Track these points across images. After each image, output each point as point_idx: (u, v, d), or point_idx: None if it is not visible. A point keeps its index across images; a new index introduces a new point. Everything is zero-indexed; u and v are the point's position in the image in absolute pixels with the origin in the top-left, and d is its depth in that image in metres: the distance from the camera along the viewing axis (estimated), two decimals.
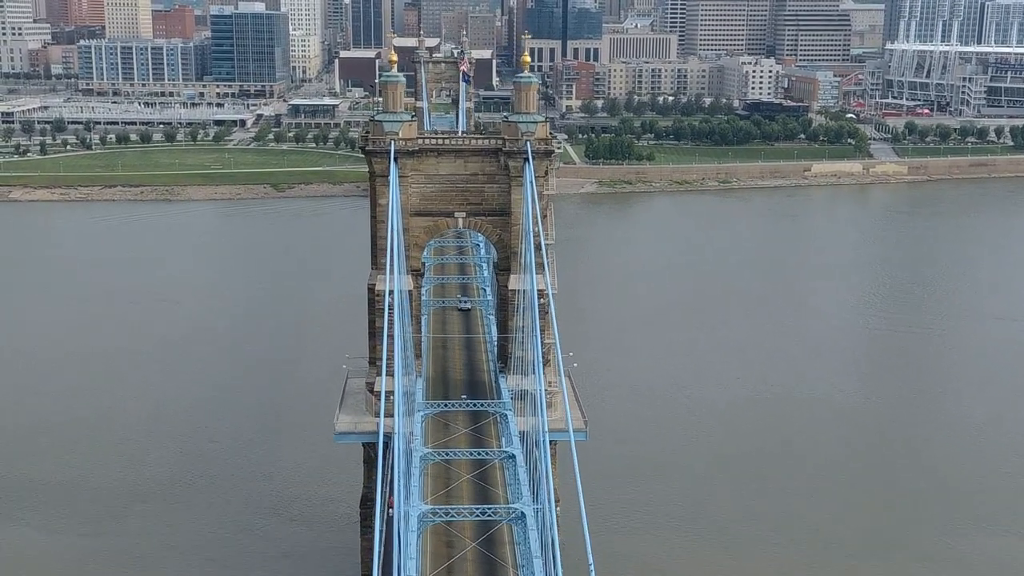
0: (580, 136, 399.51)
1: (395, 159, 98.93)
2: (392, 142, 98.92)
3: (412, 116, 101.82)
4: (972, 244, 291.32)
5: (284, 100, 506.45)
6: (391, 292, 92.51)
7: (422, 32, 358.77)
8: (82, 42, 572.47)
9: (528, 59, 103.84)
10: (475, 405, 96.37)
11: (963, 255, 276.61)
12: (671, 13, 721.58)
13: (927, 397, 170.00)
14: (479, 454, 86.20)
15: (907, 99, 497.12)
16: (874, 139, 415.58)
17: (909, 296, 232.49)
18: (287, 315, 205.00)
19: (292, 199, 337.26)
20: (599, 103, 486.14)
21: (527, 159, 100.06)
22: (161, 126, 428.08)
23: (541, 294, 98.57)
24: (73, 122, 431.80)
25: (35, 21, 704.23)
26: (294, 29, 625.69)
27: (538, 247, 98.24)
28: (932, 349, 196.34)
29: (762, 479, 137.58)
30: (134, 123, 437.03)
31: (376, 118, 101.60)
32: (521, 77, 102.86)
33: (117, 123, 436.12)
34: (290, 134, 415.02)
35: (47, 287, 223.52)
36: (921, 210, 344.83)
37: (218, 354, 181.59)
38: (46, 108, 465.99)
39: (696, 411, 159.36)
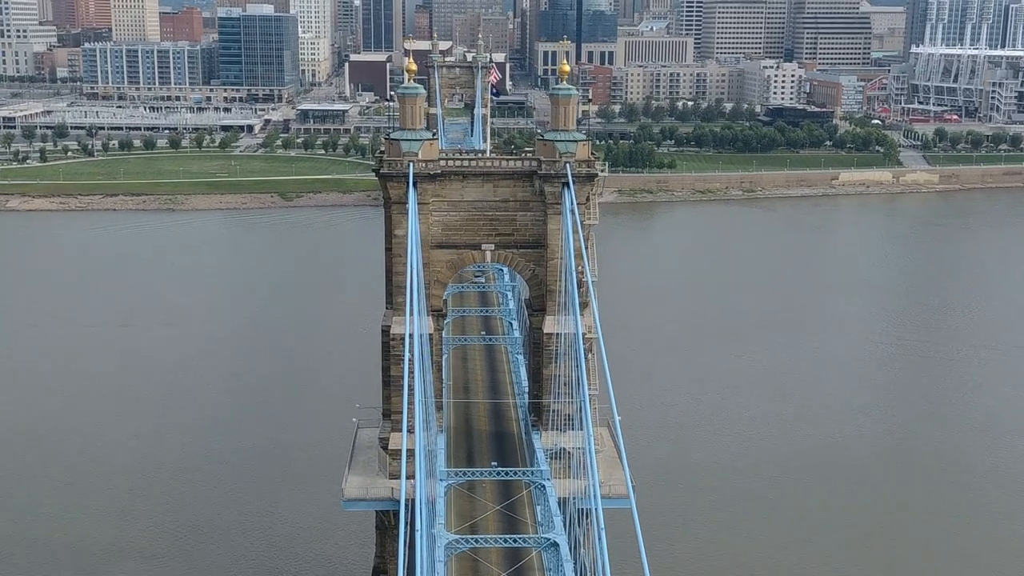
0: (598, 143, 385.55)
1: (414, 183, 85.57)
2: (410, 164, 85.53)
3: (433, 134, 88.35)
4: (1008, 260, 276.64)
5: (292, 106, 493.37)
6: (410, 334, 79.61)
7: (435, 35, 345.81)
8: (86, 45, 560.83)
9: (567, 68, 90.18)
10: (506, 473, 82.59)
11: (998, 272, 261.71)
12: (687, 16, 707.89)
13: (971, 438, 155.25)
14: (515, 541, 72.48)
15: (934, 104, 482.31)
16: (902, 146, 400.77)
17: (942, 320, 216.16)
18: (293, 341, 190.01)
19: (300, 209, 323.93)
20: (616, 108, 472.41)
21: (566, 183, 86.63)
22: (166, 132, 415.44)
23: (584, 339, 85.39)
24: (76, 127, 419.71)
25: (41, 23, 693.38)
26: (303, 31, 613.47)
27: (580, 285, 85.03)
28: (969, 381, 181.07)
29: (810, 530, 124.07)
30: (138, 128, 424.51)
31: (392, 136, 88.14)
32: (560, 89, 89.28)
33: (121, 128, 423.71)
34: (298, 140, 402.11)
35: (32, 306, 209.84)
36: (954, 222, 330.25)
37: (215, 386, 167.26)
38: (49, 113, 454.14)
39: (733, 454, 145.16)
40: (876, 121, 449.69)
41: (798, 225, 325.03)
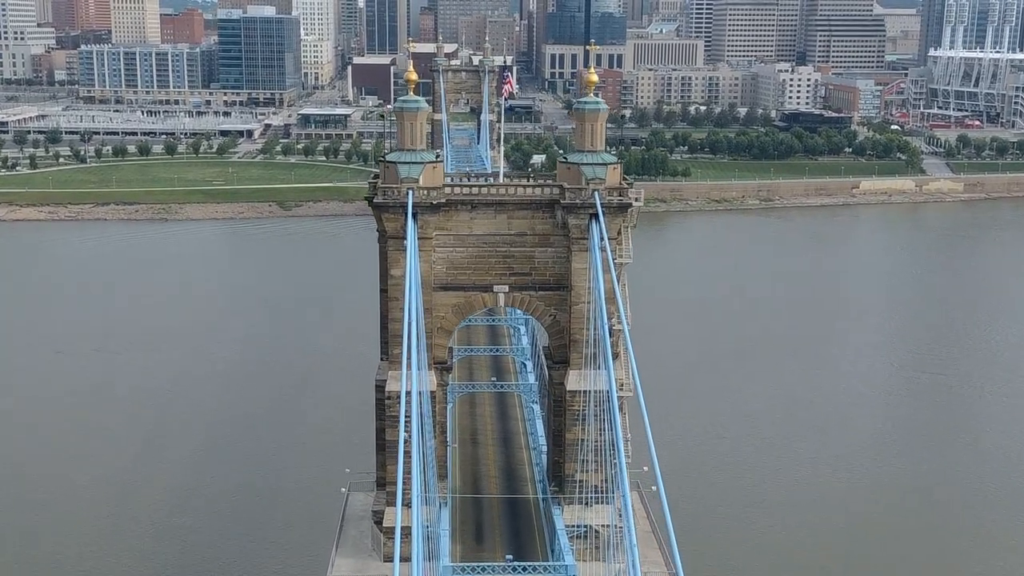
0: (609, 149, 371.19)
1: (413, 215, 72.10)
2: (409, 192, 72.08)
3: (437, 155, 74.81)
4: None
5: (290, 112, 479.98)
6: (407, 391, 66.76)
7: (440, 38, 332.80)
8: (83, 47, 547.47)
9: (595, 77, 76.61)
10: (524, 570, 68.88)
11: None
12: (697, 18, 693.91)
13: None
14: None
15: (954, 109, 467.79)
16: (924, 153, 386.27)
17: (974, 345, 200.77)
18: (284, 373, 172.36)
19: (300, 219, 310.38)
20: (627, 113, 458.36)
21: (595, 215, 73.13)
22: (163, 137, 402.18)
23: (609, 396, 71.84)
24: (70, 132, 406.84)
25: (39, 25, 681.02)
26: (306, 33, 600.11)
27: (612, 334, 71.61)
28: (1004, 414, 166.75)
29: None
30: (135, 133, 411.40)
31: (388, 158, 74.71)
32: (586, 103, 75.81)
33: (117, 133, 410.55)
34: (299, 146, 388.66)
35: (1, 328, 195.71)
36: (982, 234, 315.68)
37: (191, 424, 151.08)
38: (43, 117, 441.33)
39: (762, 506, 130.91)
40: (895, 127, 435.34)
41: (819, 237, 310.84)
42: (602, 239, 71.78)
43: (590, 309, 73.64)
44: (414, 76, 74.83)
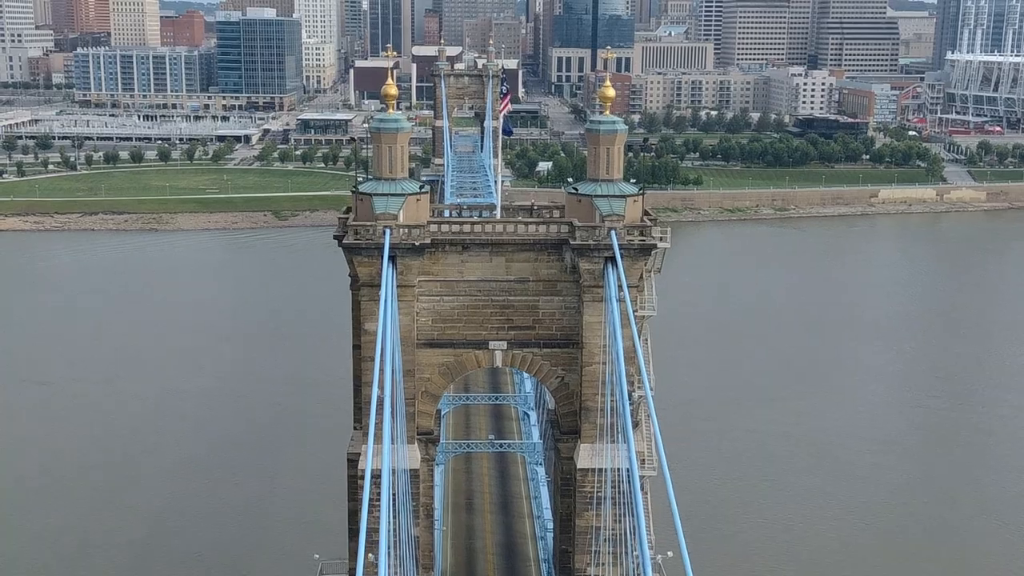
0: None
1: (392, 258, 59.48)
2: (386, 231, 59.42)
3: (421, 186, 62.14)
4: None
5: (289, 117, 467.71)
6: (375, 469, 54.73)
7: (443, 41, 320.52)
8: (79, 50, 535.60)
9: (611, 92, 63.84)
10: None
11: None
12: (706, 21, 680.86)
13: None
14: None
15: (972, 115, 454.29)
16: (945, 160, 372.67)
17: (987, 367, 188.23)
18: (265, 411, 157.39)
19: (296, 229, 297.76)
20: (636, 118, 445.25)
21: (611, 258, 60.45)
22: (157, 143, 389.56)
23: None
24: (63, 137, 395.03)
25: (37, 27, 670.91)
26: (308, 36, 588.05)
27: (632, 400, 59.00)
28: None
29: None
30: (130, 138, 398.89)
31: (361, 189, 62.11)
32: (601, 123, 63.19)
33: (111, 139, 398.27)
34: (297, 152, 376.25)
35: None
36: (1007, 246, 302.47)
37: (161, 474, 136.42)
38: (36, 122, 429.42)
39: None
40: (912, 133, 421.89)
41: (837, 249, 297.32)
42: (620, 287, 59.22)
43: (605, 371, 61.04)
44: (393, 91, 62.11)
